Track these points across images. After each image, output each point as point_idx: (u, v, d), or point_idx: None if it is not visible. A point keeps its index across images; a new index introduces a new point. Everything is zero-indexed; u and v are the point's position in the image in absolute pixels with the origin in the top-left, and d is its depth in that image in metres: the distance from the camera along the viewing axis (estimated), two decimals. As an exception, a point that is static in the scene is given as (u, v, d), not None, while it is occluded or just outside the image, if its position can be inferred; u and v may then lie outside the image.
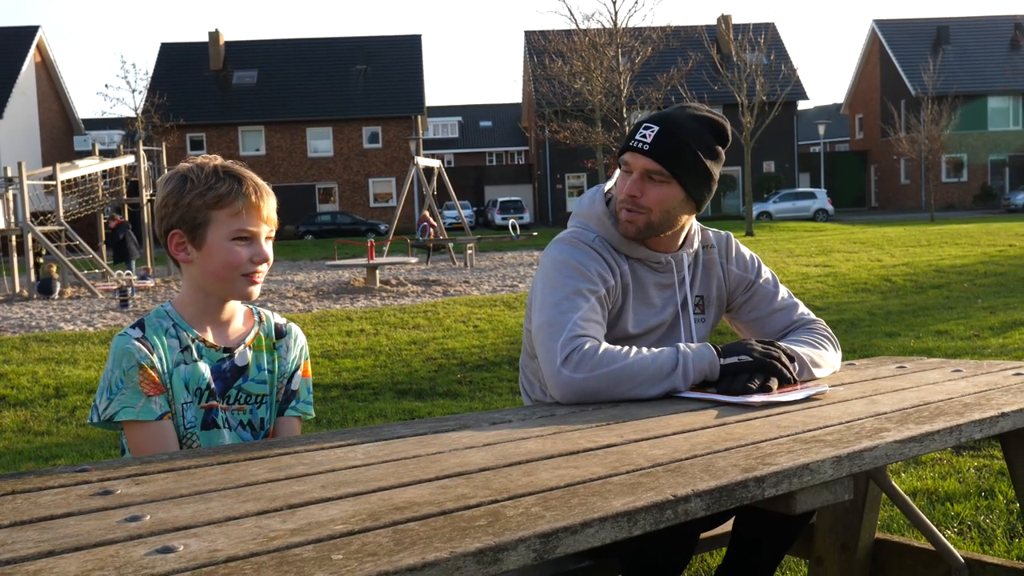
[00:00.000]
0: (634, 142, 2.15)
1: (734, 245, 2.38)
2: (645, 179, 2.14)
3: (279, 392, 2.03)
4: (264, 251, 1.91)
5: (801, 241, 22.89)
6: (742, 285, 2.35)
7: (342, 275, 18.90)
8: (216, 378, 1.93)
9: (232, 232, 1.87)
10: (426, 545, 1.06)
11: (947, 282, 12.19)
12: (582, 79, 27.54)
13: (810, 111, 69.46)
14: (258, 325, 2.04)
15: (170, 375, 1.88)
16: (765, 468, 1.39)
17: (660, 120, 2.15)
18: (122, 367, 1.83)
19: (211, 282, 1.91)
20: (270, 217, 1.92)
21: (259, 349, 2.01)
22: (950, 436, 1.68)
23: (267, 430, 2.01)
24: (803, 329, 2.30)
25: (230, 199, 1.86)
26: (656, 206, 2.14)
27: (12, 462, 5.23)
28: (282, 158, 46.64)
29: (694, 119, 2.16)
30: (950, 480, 3.94)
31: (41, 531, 1.13)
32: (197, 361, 1.91)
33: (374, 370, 7.67)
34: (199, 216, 1.87)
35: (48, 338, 10.22)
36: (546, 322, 2.04)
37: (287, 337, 2.06)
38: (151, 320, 1.92)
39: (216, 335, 1.96)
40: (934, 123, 40.28)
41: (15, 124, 42.10)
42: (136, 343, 1.85)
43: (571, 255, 2.15)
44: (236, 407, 1.96)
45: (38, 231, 17.09)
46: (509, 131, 69.57)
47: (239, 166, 1.94)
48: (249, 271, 1.89)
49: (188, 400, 1.90)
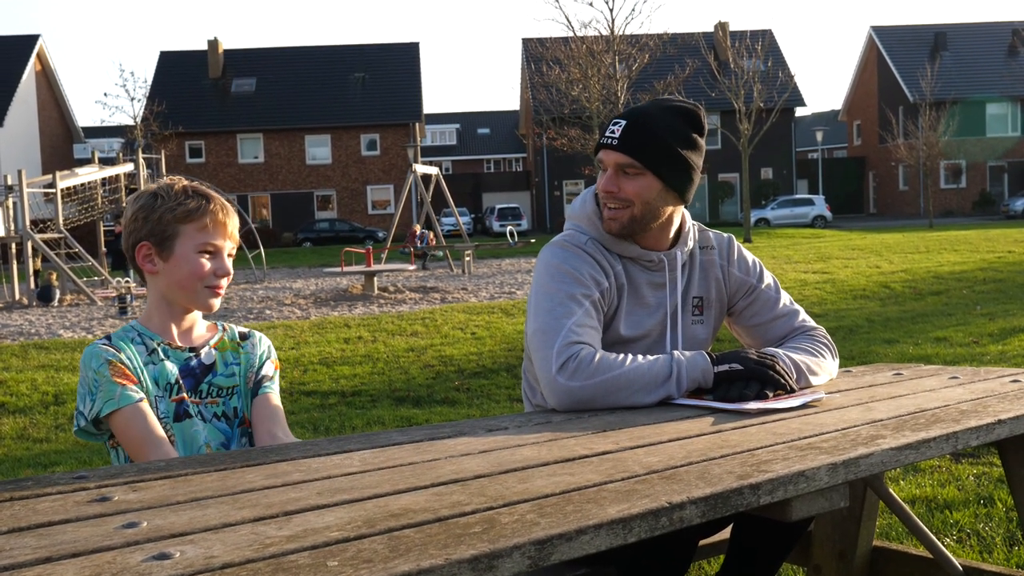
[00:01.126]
0: (604, 139, 2.17)
1: (736, 248, 2.37)
2: (620, 174, 2.15)
3: (249, 382, 2.12)
4: (227, 265, 2.04)
5: (799, 248, 22.92)
6: (743, 289, 2.34)
7: (340, 282, 18.91)
8: (185, 375, 2.03)
9: (199, 245, 1.99)
10: (421, 552, 1.07)
11: (946, 289, 12.20)
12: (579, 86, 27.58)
13: (808, 118, 69.57)
14: (222, 331, 2.15)
15: (140, 371, 1.96)
16: (760, 475, 1.40)
17: (628, 115, 2.17)
18: (92, 367, 1.92)
19: (175, 292, 2.02)
20: (233, 234, 2.06)
21: (224, 349, 2.11)
22: (946, 443, 1.68)
23: (241, 417, 2.09)
24: (803, 336, 2.29)
25: (199, 214, 1.99)
26: (635, 198, 2.14)
27: (11, 469, 5.23)
28: (280, 165, 46.69)
29: (664, 109, 2.17)
30: (949, 487, 3.94)
31: (39, 537, 1.13)
32: (164, 360, 2.01)
33: (372, 377, 7.67)
34: (168, 229, 1.98)
35: (47, 345, 10.22)
36: (540, 328, 2.04)
37: (251, 338, 2.16)
38: (117, 334, 2.03)
39: (181, 338, 2.06)
40: (932, 129, 40.36)
41: (15, 132, 42.14)
42: (102, 346, 1.95)
43: (564, 259, 2.16)
44: (208, 400, 2.05)
45: (38, 238, 17.09)
46: (507, 138, 69.65)
47: (206, 186, 2.08)
48: (212, 283, 2.01)
49: (159, 394, 1.98)
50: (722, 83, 30.55)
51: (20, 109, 42.73)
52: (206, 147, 46.10)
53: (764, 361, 2.00)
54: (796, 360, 2.13)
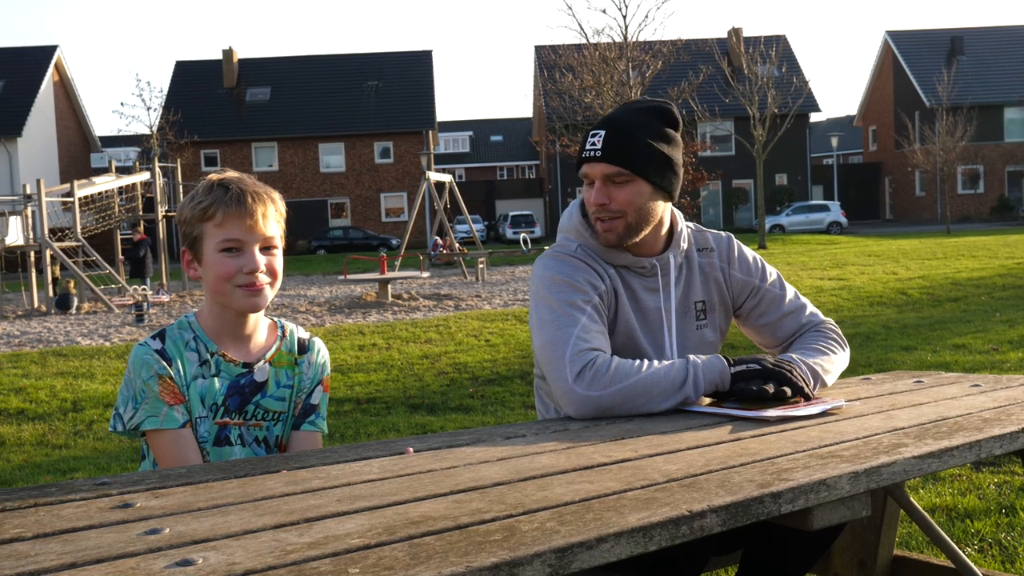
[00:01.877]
0: (586, 152, 2.15)
1: (735, 248, 2.35)
2: (608, 184, 2.13)
3: (297, 407, 2.01)
4: (254, 261, 1.84)
5: (815, 254, 22.82)
6: (747, 290, 2.33)
7: (354, 289, 18.95)
8: (233, 393, 1.93)
9: (219, 244, 1.84)
10: (442, 559, 1.07)
11: (964, 295, 12.12)
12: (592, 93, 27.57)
13: (823, 123, 69.34)
14: (280, 340, 2.01)
15: (188, 387, 1.88)
16: (781, 484, 1.39)
17: (605, 124, 2.15)
18: (142, 377, 1.84)
19: (214, 295, 1.89)
20: (256, 226, 1.84)
21: (279, 365, 1.99)
22: (969, 452, 1.67)
23: (279, 448, 2.01)
24: (812, 332, 2.28)
25: (212, 210, 1.84)
26: (628, 206, 2.13)
27: (31, 475, 5.26)
28: (295, 174, 46.86)
29: (637, 112, 2.16)
30: (970, 496, 3.91)
31: (63, 543, 1.14)
32: (214, 377, 1.91)
33: (386, 384, 7.68)
34: (194, 230, 1.87)
35: (66, 352, 10.28)
36: (548, 341, 2.03)
37: (309, 352, 2.04)
38: (172, 332, 1.92)
39: (236, 350, 1.94)
40: (949, 134, 40.13)
41: (34, 142, 42.45)
42: (155, 355, 1.86)
43: (557, 269, 2.15)
44: (253, 423, 1.95)
45: (56, 247, 17.20)
46: (520, 145, 69.70)
47: (240, 177, 1.90)
48: (242, 282, 1.84)
49: (203, 414, 1.90)
50: (736, 89, 30.51)
51: (38, 119, 43.04)
52: (221, 156, 46.32)
53: (782, 366, 2.00)
54: (810, 364, 2.12)
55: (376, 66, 49.85)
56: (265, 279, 1.88)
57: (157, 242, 21.60)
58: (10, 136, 40.95)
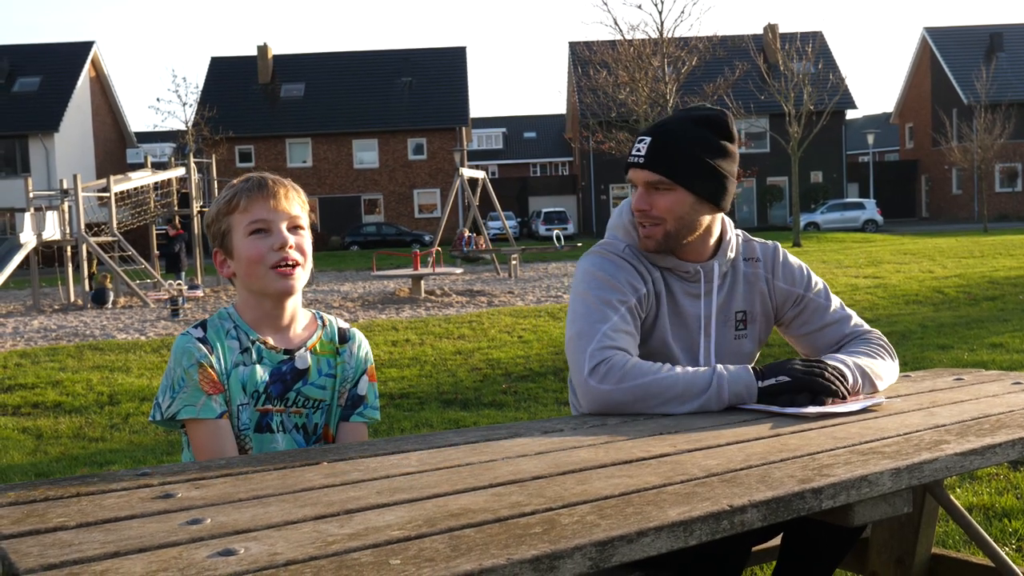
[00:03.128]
0: (631, 158, 2.15)
1: (781, 258, 2.32)
2: (650, 191, 2.12)
3: (342, 397, 2.03)
4: (283, 236, 1.89)
5: (850, 252, 22.60)
6: (791, 300, 2.30)
7: (387, 285, 19.04)
8: (275, 380, 1.94)
9: (246, 228, 1.89)
10: (483, 552, 1.07)
11: (1001, 294, 11.95)
12: (627, 89, 27.47)
13: (859, 120, 68.66)
14: (321, 330, 2.03)
15: (228, 375, 1.90)
16: (822, 479, 1.38)
17: (653, 131, 2.14)
18: (183, 365, 1.86)
19: (249, 283, 1.92)
20: (279, 206, 1.90)
21: (322, 353, 2.00)
22: (1012, 449, 1.64)
23: (319, 435, 2.01)
24: (857, 340, 2.25)
25: (236, 199, 1.91)
26: (668, 214, 2.12)
27: (68, 467, 5.33)
28: (328, 170, 47.15)
29: (688, 120, 2.13)
30: (1007, 496, 3.85)
31: (106, 532, 1.15)
32: (256, 364, 1.92)
33: (419, 380, 7.70)
34: (223, 226, 1.93)
35: (102, 346, 10.41)
36: (576, 334, 2.04)
37: (350, 342, 2.05)
38: (213, 322, 1.95)
39: (277, 338, 1.96)
40: (987, 132, 39.57)
41: (71, 137, 43.06)
42: (196, 343, 1.88)
43: (600, 267, 2.15)
44: (294, 410, 1.96)
45: (92, 242, 17.43)
46: (553, 142, 69.64)
47: (263, 174, 1.97)
48: (274, 260, 1.88)
49: (244, 402, 1.91)
50: (771, 86, 30.26)
51: (75, 115, 43.64)
52: (256, 151, 46.69)
53: (812, 369, 1.96)
54: (856, 364, 2.09)
55: (410, 62, 50.02)
56: (296, 256, 1.91)
57: (192, 237, 21.82)
58: (47, 131, 41.57)
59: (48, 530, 1.17)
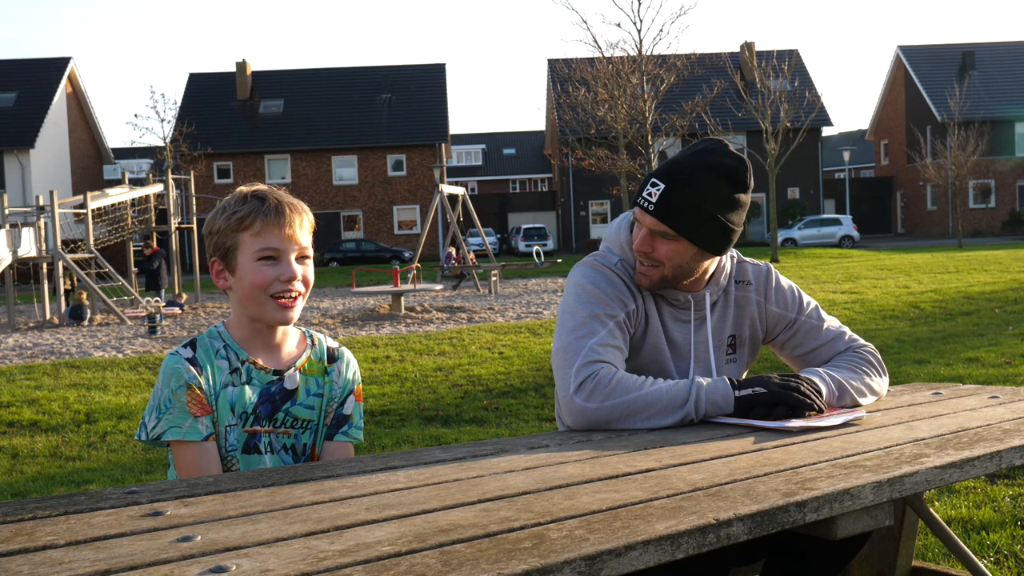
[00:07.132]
0: (641, 199, 2.10)
1: (774, 281, 2.31)
2: (655, 236, 2.10)
3: (328, 417, 2.02)
4: (292, 269, 1.88)
5: (827, 268, 22.77)
6: (783, 323, 2.30)
7: (367, 302, 18.98)
8: (264, 401, 1.93)
9: (256, 252, 1.87)
10: (473, 567, 1.08)
11: (976, 309, 12.08)
12: (606, 106, 27.61)
13: (835, 137, 69.27)
14: (310, 348, 2.03)
15: (216, 396, 1.89)
16: (806, 493, 1.40)
17: (667, 176, 2.08)
18: (171, 386, 1.85)
19: (247, 306, 1.91)
20: (295, 236, 1.89)
21: (310, 373, 2.00)
22: (990, 462, 1.67)
23: (307, 456, 2.01)
24: (848, 353, 2.25)
25: (250, 219, 1.87)
26: (668, 261, 2.11)
27: (44, 487, 5.28)
28: (307, 186, 47.03)
29: (706, 169, 2.06)
30: (985, 509, 3.89)
31: (96, 551, 1.15)
32: (245, 384, 1.92)
33: (400, 396, 7.69)
34: (228, 240, 1.89)
35: (79, 364, 10.33)
36: (562, 347, 2.04)
37: (339, 362, 2.05)
38: (203, 340, 1.94)
39: (267, 358, 1.96)
40: (961, 149, 40.04)
41: (47, 153, 42.74)
42: (185, 363, 1.87)
43: (591, 279, 2.15)
44: (282, 430, 1.96)
45: (69, 259, 17.30)
46: (533, 159, 69.82)
47: (272, 189, 1.94)
48: (277, 291, 1.87)
49: (232, 423, 1.91)
50: (748, 103, 30.51)
51: (51, 131, 43.34)
52: (234, 168, 46.54)
53: (788, 383, 1.98)
54: (834, 377, 2.11)
55: (390, 79, 50.06)
56: (300, 287, 1.91)
57: (171, 254, 21.70)
58: (23, 147, 41.24)
59: (37, 548, 1.17)
